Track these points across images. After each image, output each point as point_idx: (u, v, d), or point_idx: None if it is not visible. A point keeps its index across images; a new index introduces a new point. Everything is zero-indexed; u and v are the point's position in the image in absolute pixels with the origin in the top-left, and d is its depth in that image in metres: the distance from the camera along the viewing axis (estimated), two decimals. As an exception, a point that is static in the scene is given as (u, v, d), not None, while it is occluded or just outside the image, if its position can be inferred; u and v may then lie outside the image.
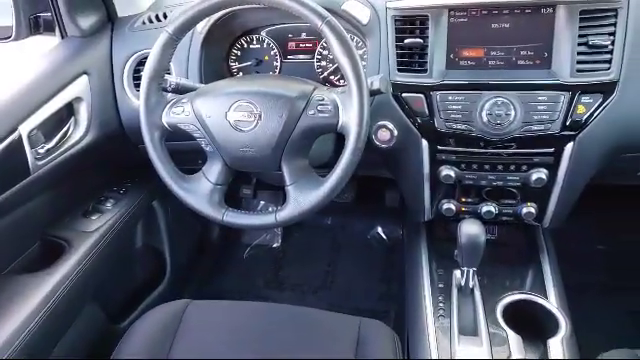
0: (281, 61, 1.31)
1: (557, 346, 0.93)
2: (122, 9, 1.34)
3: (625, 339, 1.21)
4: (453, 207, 1.17)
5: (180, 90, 1.04)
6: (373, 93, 0.94)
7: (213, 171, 0.99)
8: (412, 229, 1.34)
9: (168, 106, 0.98)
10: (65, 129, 1.19)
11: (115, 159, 1.42)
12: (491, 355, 0.94)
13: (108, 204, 1.38)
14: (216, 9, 0.94)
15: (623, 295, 1.61)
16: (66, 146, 1.18)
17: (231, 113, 0.93)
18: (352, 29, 1.14)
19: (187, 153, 1.10)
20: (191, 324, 1.07)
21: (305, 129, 0.92)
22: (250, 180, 1.86)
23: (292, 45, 1.30)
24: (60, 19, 1.25)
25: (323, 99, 0.91)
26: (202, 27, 1.20)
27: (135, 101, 1.24)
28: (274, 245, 2.03)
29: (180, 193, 0.98)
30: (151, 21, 1.29)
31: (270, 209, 0.97)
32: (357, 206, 2.03)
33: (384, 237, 1.99)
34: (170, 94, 1.03)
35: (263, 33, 1.30)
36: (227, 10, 1.15)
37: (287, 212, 0.94)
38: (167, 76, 1.03)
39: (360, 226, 2.04)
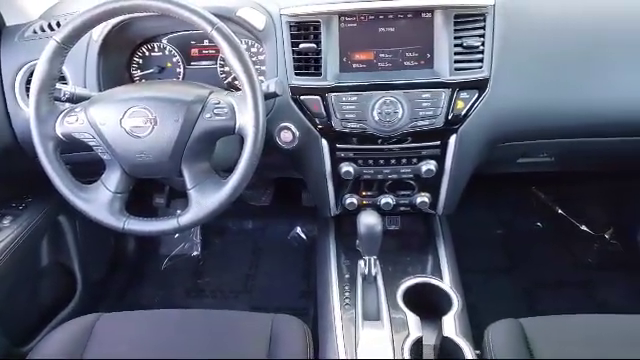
0: (184, 67, 1.31)
1: (450, 322, 1.01)
2: (10, 18, 1.29)
3: (519, 311, 1.33)
4: (355, 201, 1.24)
5: (76, 99, 1.02)
6: (269, 96, 0.99)
7: (112, 179, 0.98)
8: (322, 225, 1.39)
9: (61, 116, 0.97)
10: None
11: (11, 173, 1.35)
12: (392, 336, 1.00)
13: (5, 221, 1.31)
14: (104, 17, 0.94)
15: (518, 273, 1.77)
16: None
17: (126, 120, 0.93)
18: (249, 35, 1.18)
19: (89, 164, 1.08)
20: (102, 337, 1.05)
21: (202, 132, 0.93)
22: (163, 189, 1.84)
23: (195, 51, 1.31)
24: (-61, 28, 1.19)
25: (219, 102, 0.94)
26: (98, 35, 1.18)
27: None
28: (193, 254, 2.02)
29: (78, 203, 0.97)
30: (43, 30, 1.25)
31: (176, 214, 0.98)
32: (276, 208, 2.07)
33: (303, 237, 2.04)
34: (65, 103, 1.01)
35: (164, 40, 1.30)
36: (121, 18, 1.14)
37: (190, 216, 0.95)
38: (62, 85, 1.01)
39: (280, 228, 2.08)
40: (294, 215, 2.05)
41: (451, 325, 1.01)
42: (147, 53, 1.31)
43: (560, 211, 1.98)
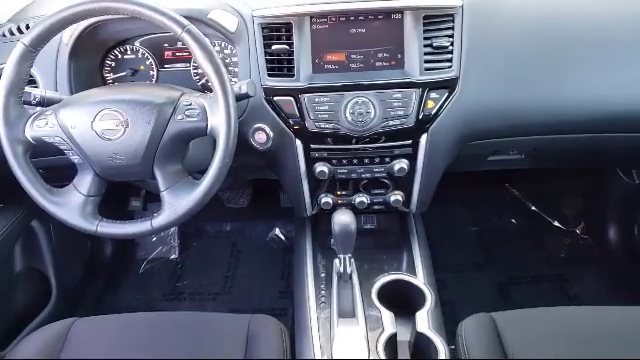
0: (157, 70, 1.31)
1: (423, 317, 1.03)
2: (-22, 21, 1.27)
3: (494, 306, 1.37)
4: (330, 200, 1.25)
5: (46, 103, 1.02)
6: (241, 97, 0.99)
7: (84, 182, 0.98)
8: (299, 225, 1.40)
9: (31, 119, 0.96)
10: None
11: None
12: (366, 333, 1.02)
13: (-23, 228, 1.30)
14: (73, 20, 0.93)
15: (493, 269, 1.81)
16: None
17: (97, 122, 0.93)
18: (222, 37, 1.18)
19: (61, 168, 1.07)
20: (77, 341, 1.04)
21: (174, 134, 0.94)
22: (139, 192, 1.82)
23: (168, 54, 1.31)
24: None
25: (191, 104, 0.94)
26: (68, 38, 1.17)
27: None
28: (171, 257, 2.01)
29: (49, 207, 0.96)
30: (12, 33, 1.24)
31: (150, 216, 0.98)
32: (254, 210, 2.07)
33: (282, 237, 2.04)
34: (35, 107, 1.00)
35: (137, 43, 1.29)
36: (92, 20, 1.14)
37: (163, 218, 0.95)
38: (32, 89, 1.00)
39: (259, 229, 2.08)
40: (272, 216, 2.06)
41: (424, 320, 1.03)
42: (119, 56, 1.30)
43: (533, 208, 2.02)
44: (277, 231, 2.05)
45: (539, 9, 1.19)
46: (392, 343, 1.02)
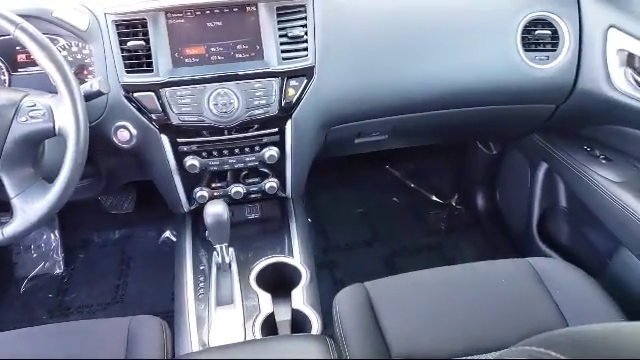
0: (9, 75, 1.22)
1: (299, 294, 1.08)
2: None
3: (378, 278, 1.46)
4: (206, 194, 1.26)
5: None
6: (94, 95, 0.97)
7: None
8: (179, 222, 1.39)
9: None
10: None
11: None
12: (244, 317, 1.05)
13: None
14: None
15: (380, 245, 1.92)
16: None
17: None
18: (72, 35, 1.14)
19: None
20: None
21: (19, 137, 0.90)
22: (7, 206, 1.70)
23: (22, 57, 1.23)
24: None
25: (35, 105, 0.91)
26: None
27: None
28: (56, 272, 1.89)
29: None
30: None
31: None
32: (141, 215, 2.01)
33: (174, 239, 2.00)
34: None
35: None
36: None
37: (15, 225, 0.91)
38: None
39: (149, 234, 2.02)
40: (162, 219, 2.01)
41: (299, 296, 1.08)
42: (-38, 61, 1.21)
43: (412, 185, 2.17)
44: (168, 233, 2.01)
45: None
46: (271, 323, 1.06)
